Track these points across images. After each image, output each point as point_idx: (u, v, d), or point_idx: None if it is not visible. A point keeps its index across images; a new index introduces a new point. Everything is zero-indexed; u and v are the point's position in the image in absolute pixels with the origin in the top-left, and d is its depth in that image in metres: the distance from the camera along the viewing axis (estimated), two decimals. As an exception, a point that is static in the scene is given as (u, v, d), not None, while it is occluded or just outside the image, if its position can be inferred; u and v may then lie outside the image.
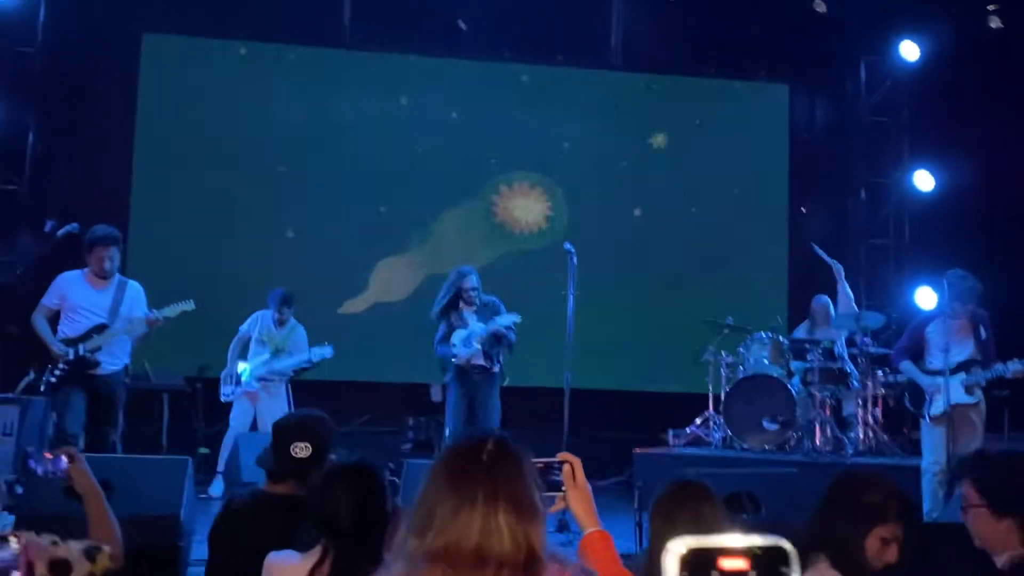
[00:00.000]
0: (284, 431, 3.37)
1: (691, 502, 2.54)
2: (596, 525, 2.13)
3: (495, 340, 7.15)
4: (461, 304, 7.29)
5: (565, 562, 1.72)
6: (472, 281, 7.29)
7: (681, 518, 2.49)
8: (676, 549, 0.95)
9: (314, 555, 2.53)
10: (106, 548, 2.24)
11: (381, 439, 8.60)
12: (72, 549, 2.16)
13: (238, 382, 7.57)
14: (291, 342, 7.68)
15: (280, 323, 7.67)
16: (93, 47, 8.63)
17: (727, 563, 0.94)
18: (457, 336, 7.17)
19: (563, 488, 2.14)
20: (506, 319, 7.12)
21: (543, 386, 7.86)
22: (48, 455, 2.93)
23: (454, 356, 7.17)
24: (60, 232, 6.23)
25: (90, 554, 2.18)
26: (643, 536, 5.38)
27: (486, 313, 7.20)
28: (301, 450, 3.25)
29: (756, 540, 0.93)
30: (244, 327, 7.71)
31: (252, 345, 7.69)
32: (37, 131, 8.63)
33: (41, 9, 8.56)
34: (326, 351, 7.73)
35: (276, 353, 7.64)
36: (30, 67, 8.46)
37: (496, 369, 7.25)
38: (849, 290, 7.89)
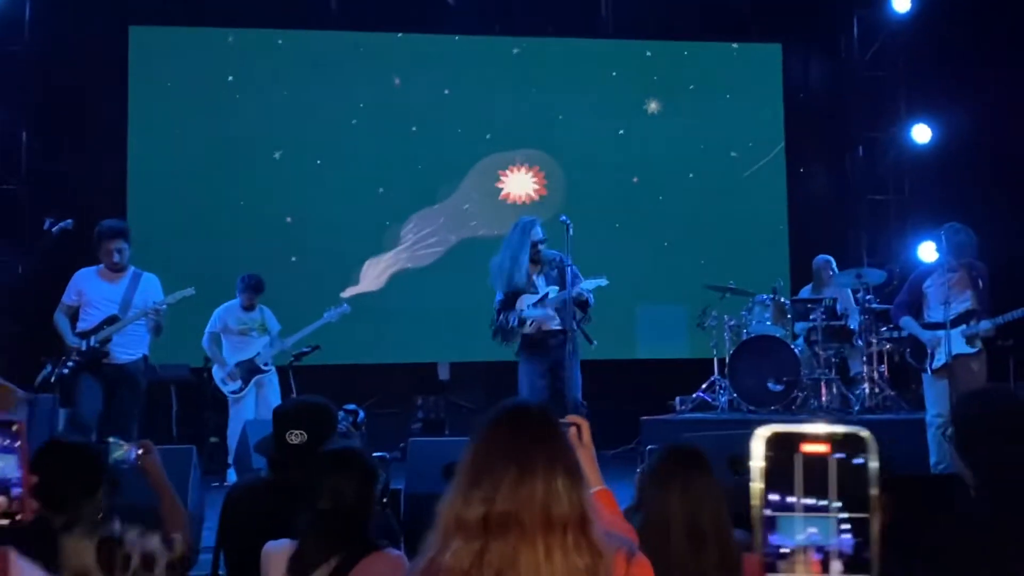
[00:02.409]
0: (281, 418, 3.39)
1: (681, 470, 2.56)
2: (600, 483, 2.27)
3: (575, 304, 6.25)
4: (528, 264, 6.38)
5: (615, 537, 1.86)
6: (539, 233, 6.39)
7: (672, 486, 2.51)
8: (762, 433, 1.04)
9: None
10: (178, 536, 2.35)
11: (390, 420, 8.63)
12: (153, 541, 2.27)
13: (241, 376, 7.55)
14: (268, 323, 7.68)
15: (250, 308, 7.66)
16: (81, 42, 8.61)
17: (809, 447, 1.02)
18: (526, 300, 6.37)
19: None
20: (591, 283, 6.32)
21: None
22: (124, 445, 3.03)
23: (526, 321, 6.28)
24: (55, 229, 6.27)
25: (168, 545, 2.28)
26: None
27: (553, 275, 6.38)
28: (296, 437, 3.26)
29: (837, 428, 1.02)
30: (213, 325, 7.63)
31: (232, 338, 7.60)
32: (31, 130, 8.63)
33: (27, 7, 8.54)
34: (343, 308, 7.74)
35: (265, 335, 7.62)
36: (19, 66, 8.45)
37: (573, 332, 6.35)
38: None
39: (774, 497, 1.01)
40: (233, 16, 9.20)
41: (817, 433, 1.05)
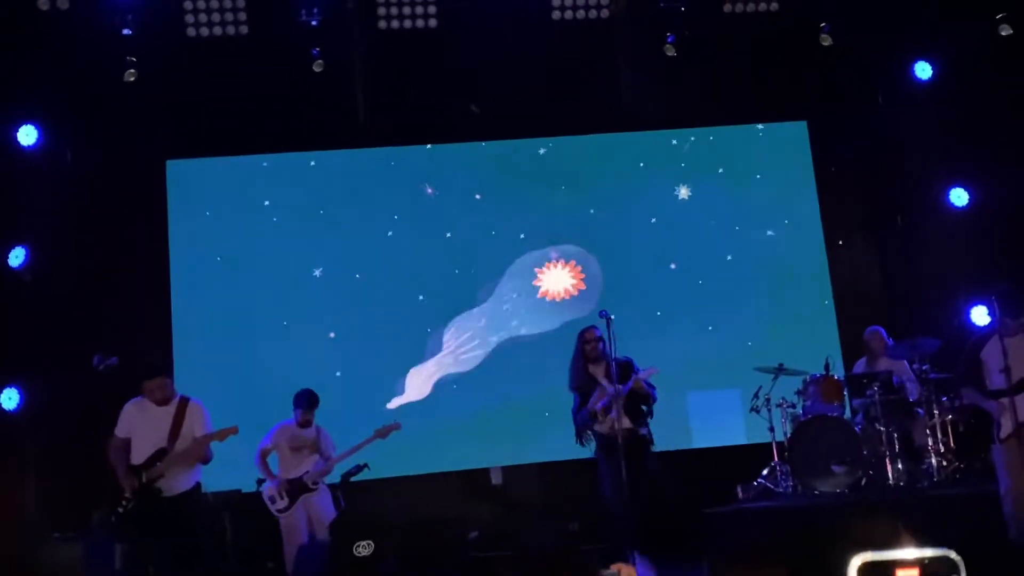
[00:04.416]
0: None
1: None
2: None
3: (638, 399, 6.92)
4: (589, 365, 7.08)
5: None
6: (593, 332, 7.10)
7: None
8: (855, 562, 1.21)
9: None
10: None
11: (445, 530, 8.46)
12: None
13: (288, 493, 7.52)
14: (323, 443, 7.66)
15: (305, 424, 7.65)
16: (120, 179, 8.85)
17: (902, 572, 1.15)
18: (593, 401, 6.96)
19: None
20: (644, 372, 6.95)
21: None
22: None
23: (596, 425, 6.92)
24: (103, 366, 6.35)
25: None
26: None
27: (621, 374, 6.86)
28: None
29: (926, 552, 1.19)
30: (265, 442, 7.67)
31: (284, 455, 7.62)
32: (74, 266, 8.78)
33: (67, 149, 8.81)
34: (392, 424, 7.75)
35: (315, 454, 7.61)
36: (61, 205, 8.66)
37: (645, 432, 7.04)
38: None
39: None
40: (266, 142, 9.42)
41: (908, 559, 1.06)
